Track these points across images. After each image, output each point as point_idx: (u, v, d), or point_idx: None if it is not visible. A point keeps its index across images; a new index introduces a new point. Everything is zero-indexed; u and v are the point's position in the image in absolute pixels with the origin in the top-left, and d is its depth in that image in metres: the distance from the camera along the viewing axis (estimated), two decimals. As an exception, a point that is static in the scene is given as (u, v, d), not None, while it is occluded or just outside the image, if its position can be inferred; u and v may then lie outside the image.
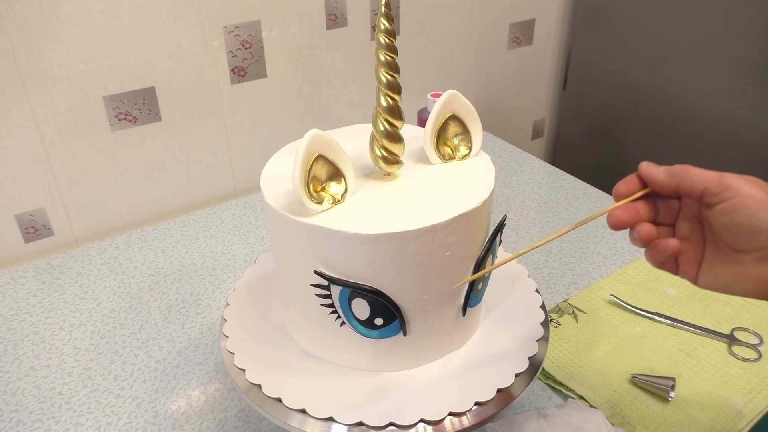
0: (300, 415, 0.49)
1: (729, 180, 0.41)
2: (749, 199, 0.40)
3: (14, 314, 0.78)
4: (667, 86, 1.15)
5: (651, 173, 0.44)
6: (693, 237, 0.45)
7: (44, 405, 0.65)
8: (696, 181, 0.42)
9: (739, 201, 0.41)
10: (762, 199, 0.40)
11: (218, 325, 0.73)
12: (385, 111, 0.50)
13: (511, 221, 0.94)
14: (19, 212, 0.88)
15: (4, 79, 0.80)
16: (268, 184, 0.51)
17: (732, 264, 0.43)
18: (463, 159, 0.55)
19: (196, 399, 0.65)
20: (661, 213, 0.46)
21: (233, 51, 0.95)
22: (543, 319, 0.57)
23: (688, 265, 0.45)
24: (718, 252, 0.44)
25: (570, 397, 0.64)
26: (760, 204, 0.40)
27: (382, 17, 0.48)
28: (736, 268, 0.43)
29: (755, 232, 0.40)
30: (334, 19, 1.02)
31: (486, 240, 0.52)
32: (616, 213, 0.45)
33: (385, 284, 0.47)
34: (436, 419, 0.48)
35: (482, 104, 1.32)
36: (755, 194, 0.40)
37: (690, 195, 0.43)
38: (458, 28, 1.18)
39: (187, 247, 0.90)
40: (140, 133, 0.93)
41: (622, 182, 0.46)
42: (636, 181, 0.45)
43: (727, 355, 0.68)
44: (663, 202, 0.46)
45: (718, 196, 0.41)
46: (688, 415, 0.61)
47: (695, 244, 0.45)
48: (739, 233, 0.41)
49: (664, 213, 0.46)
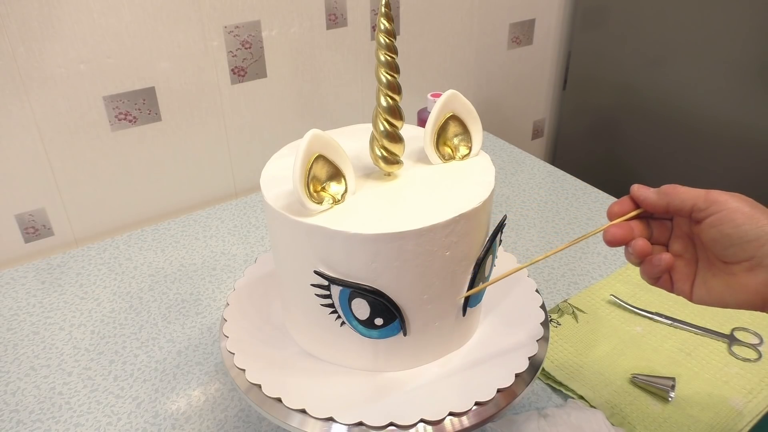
0: (300, 415, 0.49)
1: (715, 195, 0.44)
2: (735, 212, 0.43)
3: (14, 314, 0.78)
4: (667, 86, 1.15)
5: (642, 194, 0.47)
6: (686, 254, 0.47)
7: (44, 405, 0.65)
8: (684, 198, 0.45)
9: (726, 214, 0.43)
10: (747, 211, 0.43)
11: (218, 325, 0.73)
12: (385, 111, 0.50)
13: (511, 221, 0.94)
14: (19, 212, 0.88)
15: (4, 79, 0.80)
16: (268, 184, 0.51)
17: (724, 276, 0.45)
18: (463, 159, 0.55)
19: (196, 399, 0.65)
20: (654, 233, 0.48)
21: (233, 51, 0.95)
22: (543, 319, 0.57)
23: (682, 281, 0.47)
24: (710, 266, 0.46)
25: (570, 397, 0.64)
26: (746, 216, 0.43)
27: (382, 17, 0.48)
28: (728, 279, 0.44)
29: (743, 242, 0.43)
30: (334, 19, 1.02)
31: (486, 240, 0.52)
32: (611, 230, 0.47)
33: (385, 284, 0.47)
34: (436, 419, 0.48)
35: (482, 104, 1.32)
36: (741, 207, 0.43)
37: (680, 212, 0.46)
38: (458, 28, 1.18)
39: (187, 247, 0.90)
40: (140, 133, 0.93)
41: (615, 203, 0.48)
42: (629, 202, 0.48)
43: (727, 355, 0.68)
44: (656, 222, 0.48)
45: (706, 210, 0.44)
46: (688, 415, 0.61)
47: (688, 261, 0.47)
48: (728, 245, 0.43)
49: (658, 233, 0.48)
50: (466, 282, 0.51)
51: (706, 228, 0.44)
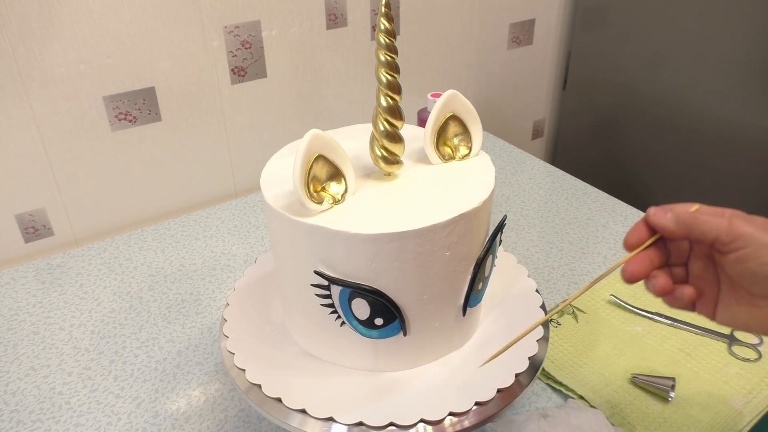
0: (300, 415, 0.49)
1: (740, 228, 0.40)
2: (762, 248, 0.39)
3: (14, 314, 0.78)
4: (667, 86, 1.15)
5: (660, 222, 0.43)
6: (706, 275, 0.45)
7: (44, 405, 0.65)
8: (706, 229, 0.41)
9: (753, 251, 0.40)
10: None
11: (218, 325, 0.73)
12: (385, 111, 0.50)
13: (511, 221, 0.94)
14: (19, 212, 0.88)
15: (4, 79, 0.80)
16: (268, 184, 0.51)
17: (749, 307, 0.42)
18: (463, 159, 0.55)
19: (196, 399, 0.65)
20: (673, 254, 0.45)
21: (233, 51, 0.95)
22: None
23: (704, 304, 0.45)
24: (734, 293, 0.43)
25: (570, 397, 0.64)
26: None
27: (382, 17, 0.48)
28: (753, 311, 0.42)
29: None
30: (334, 19, 1.02)
31: (486, 240, 0.52)
32: (630, 268, 0.44)
33: (385, 284, 0.47)
34: (436, 419, 0.48)
35: (482, 104, 1.32)
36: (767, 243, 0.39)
37: (701, 242, 0.43)
38: (458, 28, 1.18)
39: (187, 247, 0.90)
40: (140, 133, 0.93)
41: (631, 233, 0.45)
42: (644, 228, 0.45)
43: (727, 355, 0.68)
44: (673, 243, 0.45)
45: (730, 245, 0.41)
46: (688, 415, 0.61)
47: (709, 283, 0.44)
48: (753, 281, 0.41)
49: (676, 254, 0.45)
50: (466, 282, 0.51)
51: (730, 262, 0.41)
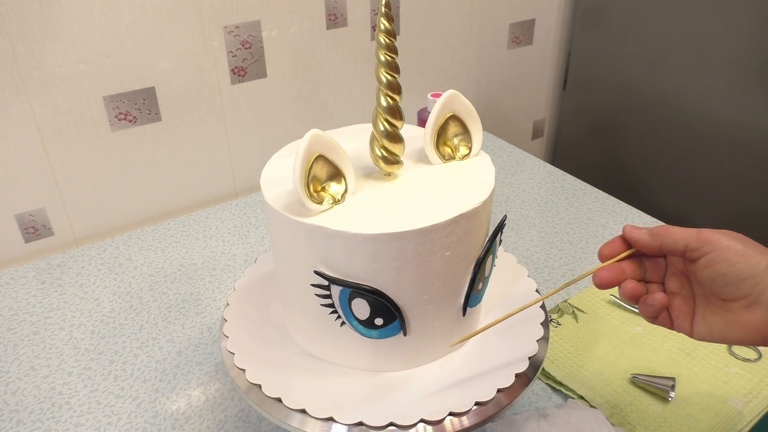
0: (300, 415, 0.49)
1: (707, 235, 0.44)
2: (728, 250, 0.43)
3: (14, 314, 0.78)
4: (667, 86, 1.15)
5: (635, 235, 0.47)
6: (682, 291, 0.47)
7: (44, 405, 0.65)
8: (677, 239, 0.45)
9: (720, 253, 0.43)
10: (740, 249, 0.43)
11: (218, 325, 0.73)
12: (385, 111, 0.50)
13: (511, 221, 0.94)
14: (19, 212, 0.88)
15: (4, 79, 0.80)
16: (268, 184, 0.51)
17: (723, 313, 0.45)
18: (463, 159, 0.55)
19: (196, 399, 0.65)
20: (648, 271, 0.48)
21: (233, 51, 0.95)
22: (543, 319, 0.57)
23: (681, 318, 0.47)
24: (708, 304, 0.46)
25: (570, 397, 0.64)
26: (739, 254, 0.43)
27: (382, 17, 0.48)
28: (727, 317, 0.44)
29: (738, 280, 0.43)
30: (334, 19, 1.02)
31: (486, 240, 0.52)
32: (600, 273, 0.47)
33: (385, 284, 0.47)
34: (436, 419, 0.48)
35: (482, 104, 1.32)
36: (733, 245, 0.43)
37: (673, 252, 0.46)
38: (458, 28, 1.18)
39: (187, 247, 0.90)
40: (140, 133, 0.93)
41: (606, 245, 0.48)
42: (620, 242, 0.48)
43: (727, 355, 0.68)
44: (649, 261, 0.48)
45: (699, 250, 0.44)
46: (688, 415, 0.61)
47: (686, 299, 0.47)
48: (724, 283, 0.43)
49: (652, 271, 0.48)
50: (466, 282, 0.51)
51: (700, 267, 0.44)
